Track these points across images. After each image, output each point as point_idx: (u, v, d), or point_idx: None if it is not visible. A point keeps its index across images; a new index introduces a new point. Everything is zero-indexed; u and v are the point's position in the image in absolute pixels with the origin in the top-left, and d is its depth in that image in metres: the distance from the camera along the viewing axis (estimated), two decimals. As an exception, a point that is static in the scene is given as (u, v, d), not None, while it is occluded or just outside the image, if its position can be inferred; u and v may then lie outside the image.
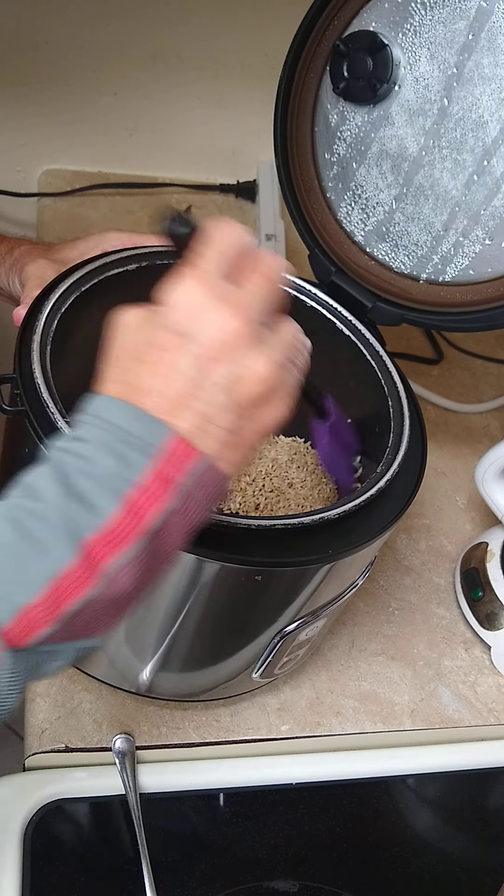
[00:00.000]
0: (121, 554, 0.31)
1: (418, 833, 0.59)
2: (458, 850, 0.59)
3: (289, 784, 0.58)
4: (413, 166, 0.52)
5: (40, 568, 0.31)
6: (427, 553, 0.72)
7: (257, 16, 0.86)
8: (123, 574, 0.32)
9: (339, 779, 0.59)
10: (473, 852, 0.59)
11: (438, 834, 0.59)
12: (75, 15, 0.84)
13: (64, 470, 0.32)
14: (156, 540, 0.32)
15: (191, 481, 0.32)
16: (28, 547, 0.31)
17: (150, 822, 0.54)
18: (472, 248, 0.51)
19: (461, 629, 0.67)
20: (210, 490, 0.33)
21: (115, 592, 0.32)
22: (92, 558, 0.31)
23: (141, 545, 0.32)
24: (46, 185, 0.94)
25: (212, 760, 0.57)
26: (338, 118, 0.55)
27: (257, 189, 0.97)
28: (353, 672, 0.63)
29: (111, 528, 0.31)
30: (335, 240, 0.58)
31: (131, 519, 0.31)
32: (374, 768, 0.59)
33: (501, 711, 0.63)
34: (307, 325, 0.57)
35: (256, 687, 0.58)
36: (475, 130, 0.49)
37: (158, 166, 0.98)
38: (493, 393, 0.88)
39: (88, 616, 0.32)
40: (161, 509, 0.32)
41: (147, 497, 0.31)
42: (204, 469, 0.33)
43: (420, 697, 0.62)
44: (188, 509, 0.32)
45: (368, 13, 0.51)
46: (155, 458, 0.32)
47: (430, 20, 0.49)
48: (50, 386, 0.45)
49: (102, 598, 0.32)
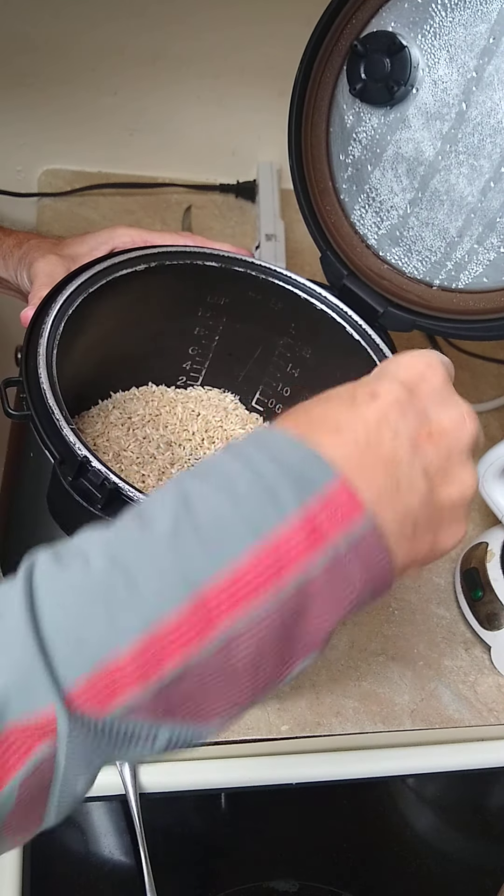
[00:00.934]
0: (244, 611, 0.24)
1: (418, 833, 0.59)
2: (458, 850, 0.59)
3: (289, 784, 0.58)
4: (429, 171, 0.52)
5: (138, 613, 0.24)
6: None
7: (258, 16, 0.87)
8: (243, 641, 0.24)
9: (339, 779, 0.59)
10: (473, 852, 0.59)
11: (438, 834, 0.59)
12: (76, 15, 0.83)
13: (187, 494, 0.25)
14: (289, 608, 0.24)
15: (346, 547, 0.25)
16: (125, 588, 0.24)
17: (150, 821, 0.54)
18: (487, 255, 0.51)
19: (461, 629, 0.67)
20: (367, 569, 0.25)
21: (228, 664, 0.24)
22: (207, 610, 0.24)
23: (269, 607, 0.24)
24: (46, 185, 0.94)
25: (212, 760, 0.57)
26: (353, 119, 0.55)
27: (257, 189, 0.96)
28: (352, 672, 0.63)
29: (237, 576, 0.24)
30: (348, 243, 0.57)
31: (268, 565, 0.24)
32: (374, 768, 0.60)
33: (501, 711, 0.63)
34: (317, 328, 0.57)
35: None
36: (493, 136, 0.48)
37: (158, 166, 0.97)
38: (492, 393, 0.88)
39: (189, 690, 0.25)
40: (305, 568, 0.24)
41: (293, 542, 0.24)
42: (365, 535, 0.25)
43: (420, 697, 0.62)
44: (334, 583, 0.25)
45: (388, 13, 0.51)
46: (307, 501, 0.25)
47: (451, 22, 0.48)
48: (55, 390, 0.45)
49: (211, 668, 0.24)
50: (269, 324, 0.60)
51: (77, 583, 0.24)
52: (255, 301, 0.59)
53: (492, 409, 0.86)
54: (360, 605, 0.26)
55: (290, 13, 0.88)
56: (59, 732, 0.23)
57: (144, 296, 0.56)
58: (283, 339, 0.61)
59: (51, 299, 0.50)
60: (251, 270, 0.57)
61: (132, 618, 0.24)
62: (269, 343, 0.62)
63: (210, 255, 0.57)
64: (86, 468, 0.42)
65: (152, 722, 0.25)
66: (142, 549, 0.25)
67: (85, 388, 0.59)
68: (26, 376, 0.46)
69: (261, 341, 0.62)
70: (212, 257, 0.57)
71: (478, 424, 0.29)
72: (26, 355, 0.47)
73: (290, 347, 0.61)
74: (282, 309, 0.58)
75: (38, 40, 0.84)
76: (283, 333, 0.60)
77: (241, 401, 0.66)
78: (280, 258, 0.87)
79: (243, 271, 0.57)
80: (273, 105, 0.58)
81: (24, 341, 0.48)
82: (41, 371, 0.46)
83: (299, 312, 0.58)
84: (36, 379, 0.45)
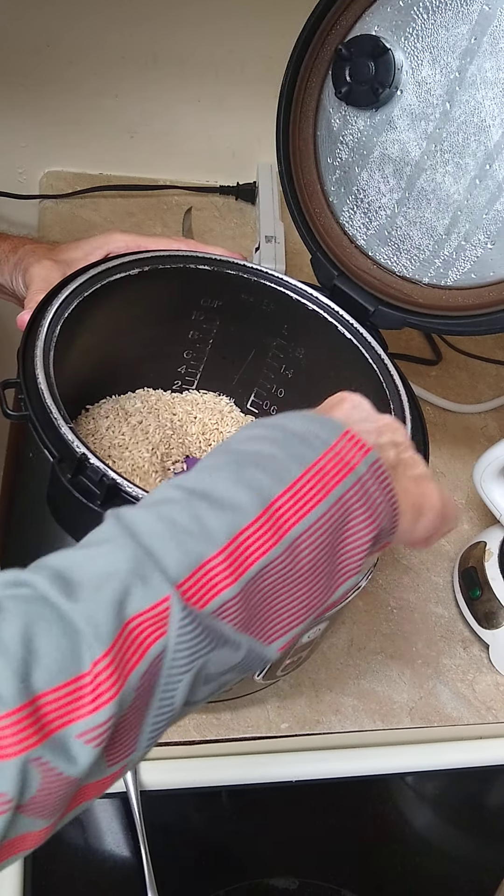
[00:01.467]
0: (304, 516, 0.30)
1: (417, 830, 0.59)
2: (457, 848, 0.59)
3: (289, 782, 0.58)
4: (415, 170, 0.52)
5: (223, 520, 0.29)
6: (425, 552, 0.72)
7: (257, 18, 0.87)
8: (304, 542, 0.30)
9: (339, 776, 0.59)
10: (472, 850, 0.59)
11: (437, 831, 0.60)
12: (77, 18, 0.84)
13: (238, 451, 0.32)
14: (334, 518, 0.31)
15: (365, 469, 0.32)
16: (209, 506, 0.30)
17: (150, 819, 0.54)
18: (475, 251, 0.51)
19: (459, 628, 0.68)
20: (382, 491, 0.33)
21: (297, 564, 0.30)
22: (276, 515, 0.30)
23: (320, 512, 0.31)
24: (48, 187, 0.95)
25: (212, 758, 0.58)
26: (340, 123, 0.55)
27: (257, 191, 0.97)
28: (352, 670, 0.63)
29: (295, 491, 0.30)
30: (337, 244, 0.58)
31: (316, 482, 0.31)
32: (373, 766, 0.60)
33: (499, 710, 0.63)
34: (309, 329, 0.58)
35: (259, 689, 0.58)
36: (477, 134, 0.49)
37: (159, 168, 0.98)
38: (491, 393, 0.88)
39: (265, 589, 0.30)
40: (340, 482, 0.31)
41: (329, 466, 0.32)
42: (375, 463, 0.33)
43: (419, 696, 0.63)
44: (362, 499, 0.32)
45: (371, 17, 0.51)
46: (332, 444, 0.33)
47: (433, 24, 0.49)
48: (53, 390, 0.46)
49: (284, 567, 0.30)
50: (263, 326, 0.61)
51: (165, 512, 0.29)
52: (248, 303, 0.59)
53: (490, 410, 0.86)
54: (381, 533, 0.33)
55: (289, 17, 0.89)
56: (170, 622, 0.27)
57: (139, 300, 0.57)
58: (276, 340, 0.61)
59: (47, 303, 0.50)
60: (243, 273, 0.58)
61: (219, 525, 0.29)
62: (263, 345, 0.62)
63: (203, 258, 0.57)
64: (84, 465, 0.43)
65: (236, 627, 0.29)
66: (215, 479, 0.31)
67: (83, 392, 0.60)
68: (24, 377, 0.46)
69: (254, 343, 0.62)
70: (204, 261, 0.57)
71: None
72: (23, 357, 0.48)
73: (283, 349, 0.61)
74: (274, 310, 0.59)
75: (39, 43, 0.85)
76: (276, 335, 0.61)
77: (237, 403, 0.66)
78: (280, 260, 0.87)
79: (235, 274, 0.58)
80: (273, 107, 0.59)
81: (21, 344, 0.49)
82: (38, 372, 0.46)
83: (291, 313, 0.58)
84: (34, 380, 0.46)
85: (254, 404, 0.66)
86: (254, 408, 0.66)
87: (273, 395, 0.64)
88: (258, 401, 0.65)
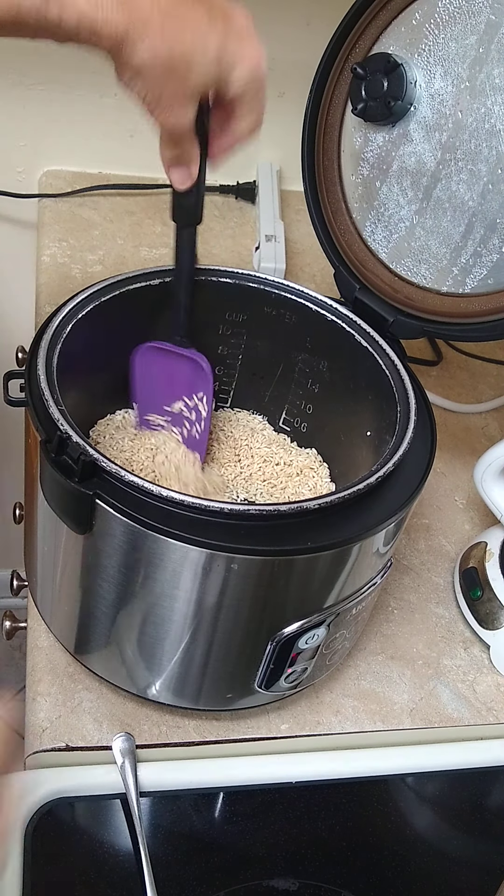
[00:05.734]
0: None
1: (417, 832, 0.59)
2: (458, 849, 0.59)
3: (289, 783, 0.58)
4: (431, 180, 0.54)
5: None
6: (426, 553, 0.72)
7: (256, 18, 0.87)
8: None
9: (339, 777, 0.59)
10: (472, 851, 0.59)
11: (437, 832, 0.60)
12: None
13: None
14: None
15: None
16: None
17: (150, 820, 0.54)
18: (490, 257, 0.52)
19: (460, 628, 0.67)
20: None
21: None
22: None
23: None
24: (47, 186, 0.94)
25: (212, 759, 0.57)
26: (361, 140, 0.57)
27: (257, 190, 0.97)
28: (352, 671, 0.63)
29: None
30: (360, 258, 0.59)
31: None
32: (374, 767, 0.60)
33: (500, 710, 0.63)
34: (329, 340, 0.58)
35: (265, 703, 0.58)
36: (488, 140, 0.50)
37: (159, 167, 0.96)
38: (491, 393, 0.88)
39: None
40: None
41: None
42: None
43: (419, 696, 0.62)
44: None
45: (387, 38, 0.54)
46: None
47: (443, 38, 0.51)
48: (51, 378, 0.47)
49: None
50: (287, 339, 0.60)
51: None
52: (271, 316, 0.59)
53: (490, 410, 0.86)
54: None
55: (288, 15, 0.89)
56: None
57: (160, 310, 0.57)
58: (301, 354, 0.61)
59: (60, 309, 0.52)
60: (262, 286, 0.58)
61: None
62: (289, 359, 0.62)
63: (222, 272, 0.58)
64: (66, 443, 0.43)
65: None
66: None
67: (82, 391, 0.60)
68: (28, 367, 0.48)
69: (282, 358, 0.62)
70: (224, 274, 0.58)
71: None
72: (31, 350, 0.49)
73: (308, 362, 0.61)
74: (296, 322, 0.59)
75: (39, 43, 0.85)
76: (301, 349, 0.61)
77: (269, 422, 0.66)
78: (280, 259, 0.87)
79: (256, 287, 0.58)
80: (273, 106, 0.58)
81: (34, 338, 0.50)
82: (39, 361, 0.48)
83: (312, 325, 0.58)
84: (35, 369, 0.48)
85: (285, 422, 0.65)
86: (285, 426, 0.65)
87: (303, 411, 0.63)
88: (289, 418, 0.65)
